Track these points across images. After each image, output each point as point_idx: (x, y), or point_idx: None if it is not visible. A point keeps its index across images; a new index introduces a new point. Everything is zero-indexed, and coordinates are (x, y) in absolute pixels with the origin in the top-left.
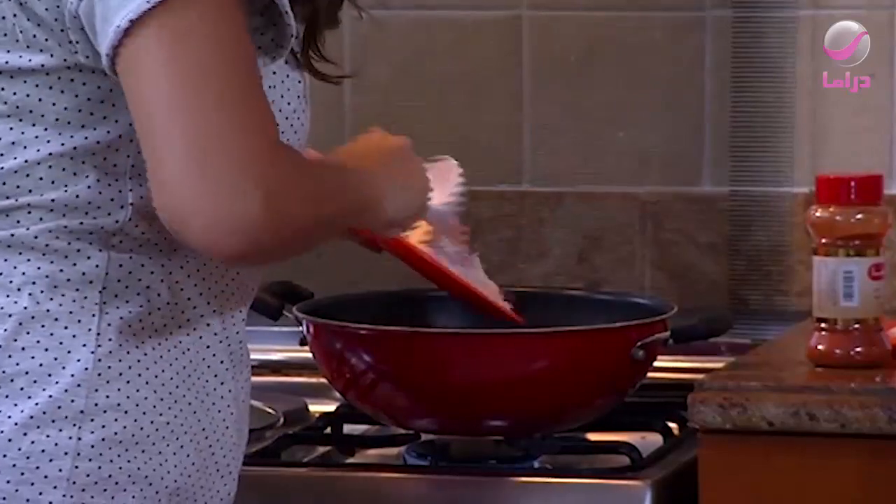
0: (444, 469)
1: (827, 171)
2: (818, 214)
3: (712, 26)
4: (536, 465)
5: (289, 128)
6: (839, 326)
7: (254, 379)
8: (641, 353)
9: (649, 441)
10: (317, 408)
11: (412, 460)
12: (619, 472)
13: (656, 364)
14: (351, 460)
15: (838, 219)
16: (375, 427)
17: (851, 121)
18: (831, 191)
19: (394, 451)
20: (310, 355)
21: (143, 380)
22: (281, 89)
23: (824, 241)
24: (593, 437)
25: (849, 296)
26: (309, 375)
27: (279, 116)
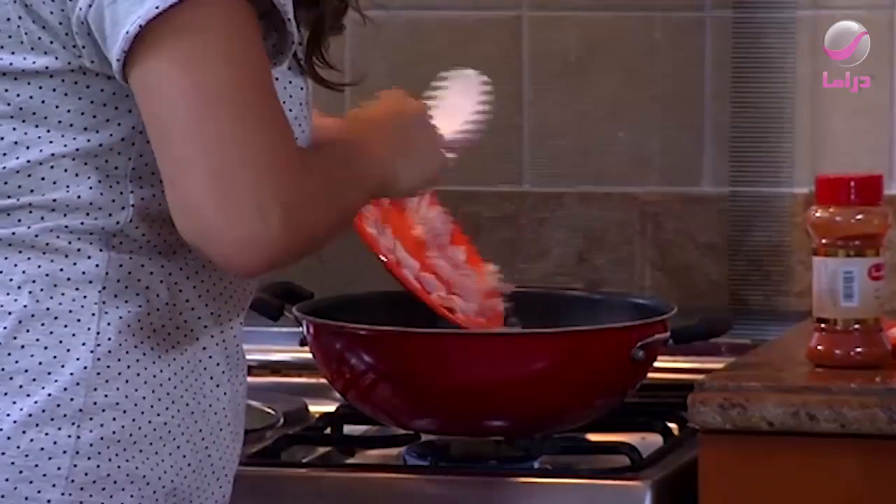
0: (444, 469)
1: (827, 171)
2: (818, 215)
3: (712, 26)
4: (536, 465)
5: None
6: (839, 327)
7: (254, 379)
8: (641, 354)
9: (649, 441)
10: (317, 408)
11: (412, 461)
12: (619, 472)
13: (656, 364)
14: (351, 460)
15: (838, 219)
16: (375, 427)
17: (851, 121)
18: (831, 191)
19: (394, 451)
20: (310, 355)
21: (141, 379)
22: (283, 96)
23: (824, 241)
24: (593, 437)
25: (849, 296)
26: (309, 376)
27: None
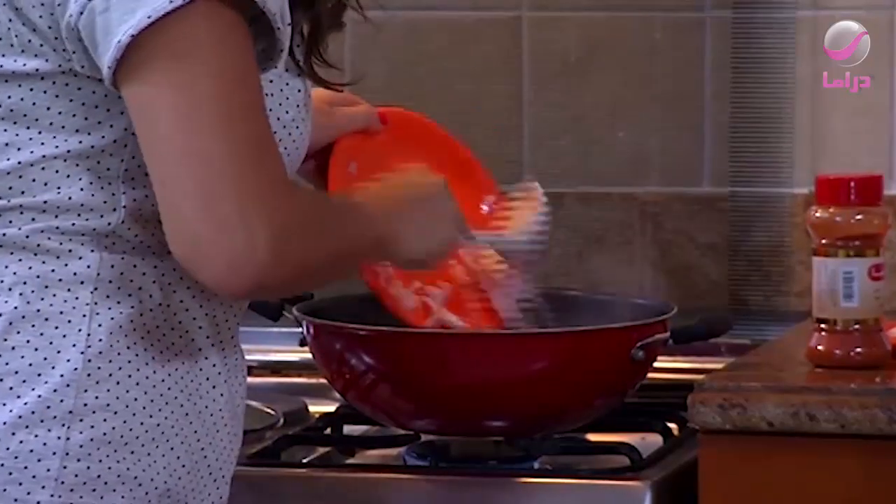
0: (444, 469)
1: (827, 171)
2: (818, 215)
3: (712, 26)
4: (536, 465)
5: (286, 136)
6: (839, 327)
7: (253, 379)
8: (641, 354)
9: (649, 442)
10: (317, 408)
11: (412, 461)
12: (619, 472)
13: (656, 365)
14: (351, 461)
15: (838, 219)
16: (375, 428)
17: (851, 121)
18: (831, 191)
19: (394, 451)
20: (310, 356)
21: (133, 381)
22: (279, 97)
23: (824, 241)
24: (593, 437)
25: (849, 296)
26: (309, 376)
27: (277, 125)
